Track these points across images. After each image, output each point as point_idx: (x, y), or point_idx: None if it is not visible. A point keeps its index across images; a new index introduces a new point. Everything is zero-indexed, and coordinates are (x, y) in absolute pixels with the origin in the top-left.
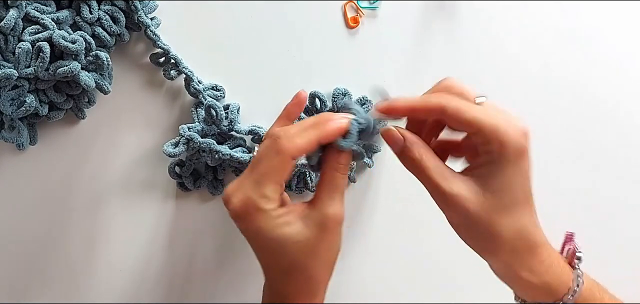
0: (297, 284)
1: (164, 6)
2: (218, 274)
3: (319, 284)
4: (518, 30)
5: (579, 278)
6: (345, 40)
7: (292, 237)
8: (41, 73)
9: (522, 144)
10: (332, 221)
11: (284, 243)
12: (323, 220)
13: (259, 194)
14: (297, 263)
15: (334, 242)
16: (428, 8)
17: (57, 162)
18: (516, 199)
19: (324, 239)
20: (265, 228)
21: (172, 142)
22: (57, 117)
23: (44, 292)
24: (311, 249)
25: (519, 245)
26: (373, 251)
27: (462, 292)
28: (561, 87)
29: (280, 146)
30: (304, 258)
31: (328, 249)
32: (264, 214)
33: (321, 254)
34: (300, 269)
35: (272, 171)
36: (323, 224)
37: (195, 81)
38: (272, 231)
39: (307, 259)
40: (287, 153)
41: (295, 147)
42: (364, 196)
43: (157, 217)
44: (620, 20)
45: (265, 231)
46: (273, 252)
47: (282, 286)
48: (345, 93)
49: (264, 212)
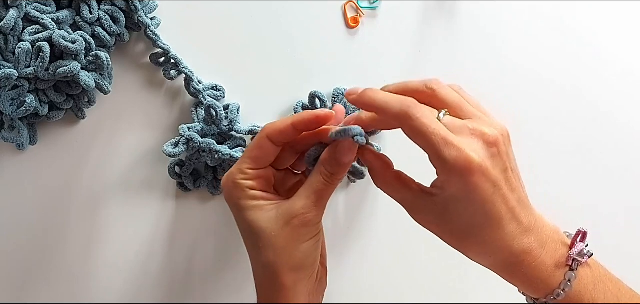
0: (262, 272)
1: (164, 6)
2: (218, 274)
3: (282, 285)
4: (518, 31)
5: (570, 281)
6: (345, 40)
7: (260, 223)
8: (41, 73)
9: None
10: (296, 219)
11: (254, 227)
12: (288, 215)
13: (236, 169)
14: (260, 250)
15: (297, 242)
16: (428, 8)
17: (57, 162)
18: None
19: (288, 235)
20: (240, 204)
21: (172, 142)
22: (57, 117)
23: (44, 292)
24: (273, 242)
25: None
26: (373, 251)
27: (462, 292)
28: (561, 87)
29: (263, 127)
30: (266, 248)
31: (291, 249)
32: (237, 188)
33: (283, 252)
34: (262, 258)
35: (249, 149)
36: (287, 220)
37: (195, 80)
38: (244, 210)
39: (270, 251)
40: (263, 132)
41: (271, 128)
42: (364, 196)
43: (157, 217)
44: (621, 20)
45: (239, 207)
46: (244, 232)
47: (253, 271)
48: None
49: (238, 187)
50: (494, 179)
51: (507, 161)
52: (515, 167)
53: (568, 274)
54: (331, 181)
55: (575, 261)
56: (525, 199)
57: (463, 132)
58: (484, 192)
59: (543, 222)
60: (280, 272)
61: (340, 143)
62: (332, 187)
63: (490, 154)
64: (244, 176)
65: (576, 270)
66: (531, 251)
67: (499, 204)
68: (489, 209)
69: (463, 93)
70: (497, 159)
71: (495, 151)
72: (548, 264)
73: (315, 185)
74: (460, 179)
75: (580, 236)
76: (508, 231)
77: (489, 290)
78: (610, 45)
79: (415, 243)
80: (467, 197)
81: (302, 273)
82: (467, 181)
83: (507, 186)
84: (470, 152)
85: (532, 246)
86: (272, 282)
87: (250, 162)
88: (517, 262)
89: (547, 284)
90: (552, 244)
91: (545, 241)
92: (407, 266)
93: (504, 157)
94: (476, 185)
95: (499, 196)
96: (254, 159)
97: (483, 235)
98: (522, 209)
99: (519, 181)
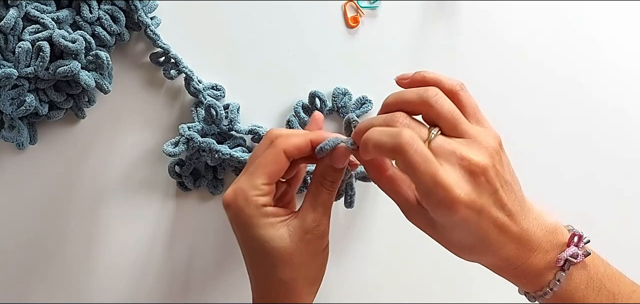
0: (277, 291)
1: (164, 6)
2: (218, 274)
3: (297, 297)
4: (518, 30)
5: (559, 281)
6: (345, 40)
7: (273, 241)
8: (41, 72)
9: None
10: (310, 233)
11: (266, 244)
12: (301, 230)
13: (249, 184)
14: (275, 268)
15: (314, 256)
16: (428, 8)
17: (57, 162)
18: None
19: (303, 250)
20: (252, 222)
21: (172, 142)
22: (57, 116)
23: (44, 292)
24: (289, 258)
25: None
26: (373, 251)
27: (462, 292)
28: (562, 86)
29: (275, 141)
30: (281, 265)
31: (307, 263)
32: (250, 205)
33: (300, 266)
34: (277, 277)
35: (264, 163)
36: (301, 235)
37: (195, 80)
38: (257, 228)
39: (285, 267)
40: (279, 146)
41: (289, 143)
42: (364, 196)
43: (157, 217)
44: (621, 18)
45: (251, 225)
46: (255, 250)
47: (263, 289)
48: (345, 93)
49: (251, 204)
50: (479, 207)
51: (496, 181)
52: (508, 179)
53: (558, 275)
54: (332, 189)
55: (567, 262)
56: (518, 207)
57: (451, 160)
58: (470, 223)
59: (538, 224)
60: (298, 288)
61: (335, 152)
62: (333, 195)
63: (476, 185)
64: (258, 193)
65: (568, 271)
66: (519, 256)
67: (486, 227)
68: (477, 234)
69: (462, 94)
70: (484, 187)
71: (483, 180)
72: (538, 266)
73: (320, 197)
74: (446, 214)
75: (575, 239)
76: (496, 244)
77: (489, 290)
78: (611, 44)
79: (415, 243)
80: (455, 227)
81: (317, 285)
82: (453, 217)
83: (495, 206)
84: (456, 190)
85: (520, 251)
86: (290, 298)
87: (266, 178)
88: (506, 265)
89: (535, 283)
90: (545, 245)
91: (537, 244)
92: (407, 266)
93: (492, 181)
94: (462, 219)
95: (486, 220)
96: (270, 174)
97: (470, 248)
98: (512, 220)
99: (512, 192)
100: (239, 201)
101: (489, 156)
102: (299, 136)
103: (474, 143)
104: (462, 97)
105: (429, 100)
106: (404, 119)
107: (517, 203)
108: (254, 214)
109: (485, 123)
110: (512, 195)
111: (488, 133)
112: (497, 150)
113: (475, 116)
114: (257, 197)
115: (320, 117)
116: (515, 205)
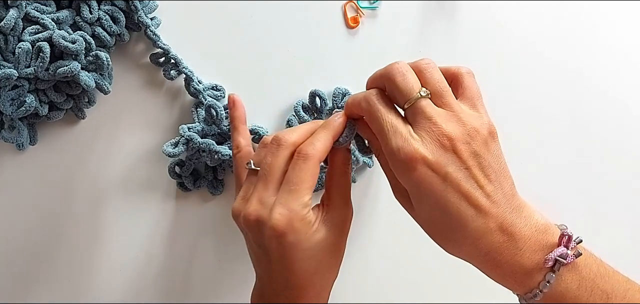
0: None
1: (164, 6)
2: (218, 274)
3: (332, 283)
4: (518, 31)
5: (549, 282)
6: (345, 40)
7: (321, 242)
8: (41, 73)
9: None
10: (349, 221)
11: (317, 249)
12: (341, 222)
13: (299, 204)
14: (321, 266)
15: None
16: (428, 8)
17: (57, 162)
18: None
19: (343, 239)
20: (304, 238)
21: (172, 142)
22: (57, 117)
23: (44, 292)
24: (335, 250)
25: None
26: (373, 251)
27: (462, 292)
28: (562, 86)
29: (306, 152)
30: (328, 259)
31: (344, 248)
32: (306, 223)
33: (341, 254)
34: (321, 271)
35: (305, 178)
36: (341, 226)
37: (195, 80)
38: (309, 240)
39: (332, 259)
40: (315, 158)
41: (320, 152)
42: (364, 196)
43: (157, 217)
44: (621, 18)
45: (303, 241)
46: (306, 260)
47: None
48: (345, 93)
49: (306, 222)
50: (444, 174)
51: (468, 158)
52: (495, 167)
53: (548, 276)
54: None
55: (557, 263)
56: (501, 196)
57: (423, 125)
58: (431, 187)
59: (528, 222)
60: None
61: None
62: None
63: (440, 148)
64: (307, 210)
65: (558, 271)
66: (502, 250)
67: (455, 200)
68: (444, 205)
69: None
70: (451, 157)
71: (449, 147)
72: (526, 265)
73: (345, 183)
74: (405, 173)
75: (564, 239)
76: (473, 226)
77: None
78: (611, 43)
79: (415, 242)
80: (418, 192)
81: None
82: (411, 175)
83: (467, 180)
84: (415, 144)
85: (503, 245)
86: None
87: (310, 194)
88: (488, 259)
89: (524, 285)
90: (533, 245)
91: (523, 242)
92: (407, 266)
93: (462, 155)
94: (421, 178)
95: (454, 192)
96: (311, 189)
97: (445, 229)
98: (492, 203)
99: (496, 181)
100: (296, 224)
101: (464, 132)
102: (321, 140)
103: (453, 117)
104: (465, 79)
105: (420, 66)
106: None
107: (500, 192)
108: (307, 230)
109: (481, 111)
110: (496, 183)
111: (478, 118)
112: (482, 135)
113: (472, 100)
114: (309, 215)
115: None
116: (497, 193)
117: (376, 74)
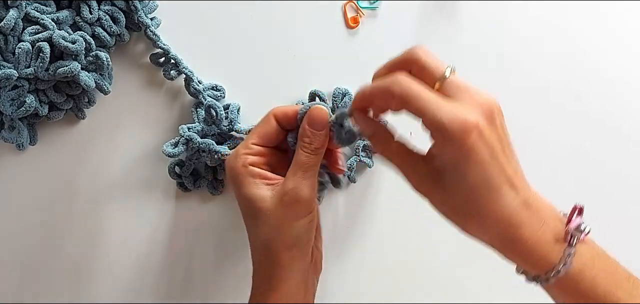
0: (259, 249)
1: (164, 6)
2: (218, 274)
3: (278, 263)
4: (518, 31)
5: (569, 257)
6: (345, 40)
7: (258, 200)
8: (41, 73)
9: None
10: (287, 195)
11: (250, 202)
12: (281, 193)
13: (242, 145)
14: (257, 227)
15: (292, 220)
16: (428, 8)
17: (57, 162)
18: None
19: (282, 213)
20: (241, 180)
21: (172, 142)
22: (57, 117)
23: (44, 292)
24: (266, 218)
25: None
26: (373, 251)
27: (462, 292)
28: (561, 86)
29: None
30: (262, 224)
31: (284, 226)
32: (240, 161)
33: (277, 228)
34: (259, 235)
35: (256, 126)
36: (280, 197)
37: (195, 81)
38: (244, 186)
39: (265, 227)
40: (270, 112)
41: (278, 109)
42: (364, 196)
43: (157, 217)
44: (619, 21)
45: (240, 183)
46: (242, 207)
47: (251, 246)
48: (346, 93)
49: (240, 160)
50: (491, 145)
51: (502, 131)
52: (510, 142)
53: (567, 250)
54: (313, 152)
55: (573, 237)
56: (522, 174)
57: (463, 97)
58: (480, 156)
59: (541, 199)
60: (276, 249)
61: (310, 112)
62: (315, 159)
63: (486, 118)
64: (247, 151)
65: (575, 246)
66: (530, 224)
67: (497, 171)
68: (486, 174)
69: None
70: (493, 126)
71: (491, 118)
72: (547, 239)
73: (299, 160)
74: (456, 142)
75: (576, 211)
76: (506, 200)
77: (489, 290)
78: (609, 45)
79: (415, 242)
80: (464, 160)
81: (296, 251)
82: (463, 143)
83: (503, 155)
84: (466, 113)
85: (531, 219)
86: (269, 259)
87: (256, 138)
88: (516, 235)
89: (547, 260)
90: (551, 221)
91: (544, 215)
92: (407, 266)
93: (498, 127)
94: (473, 147)
95: (496, 163)
96: (260, 134)
97: (481, 204)
98: (520, 181)
99: (514, 155)
100: (231, 158)
101: (496, 105)
102: (289, 107)
103: (480, 90)
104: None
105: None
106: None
107: (520, 168)
108: (242, 172)
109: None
110: (515, 158)
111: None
112: (499, 107)
113: None
114: (245, 155)
115: None
116: (519, 167)
117: (390, 62)
